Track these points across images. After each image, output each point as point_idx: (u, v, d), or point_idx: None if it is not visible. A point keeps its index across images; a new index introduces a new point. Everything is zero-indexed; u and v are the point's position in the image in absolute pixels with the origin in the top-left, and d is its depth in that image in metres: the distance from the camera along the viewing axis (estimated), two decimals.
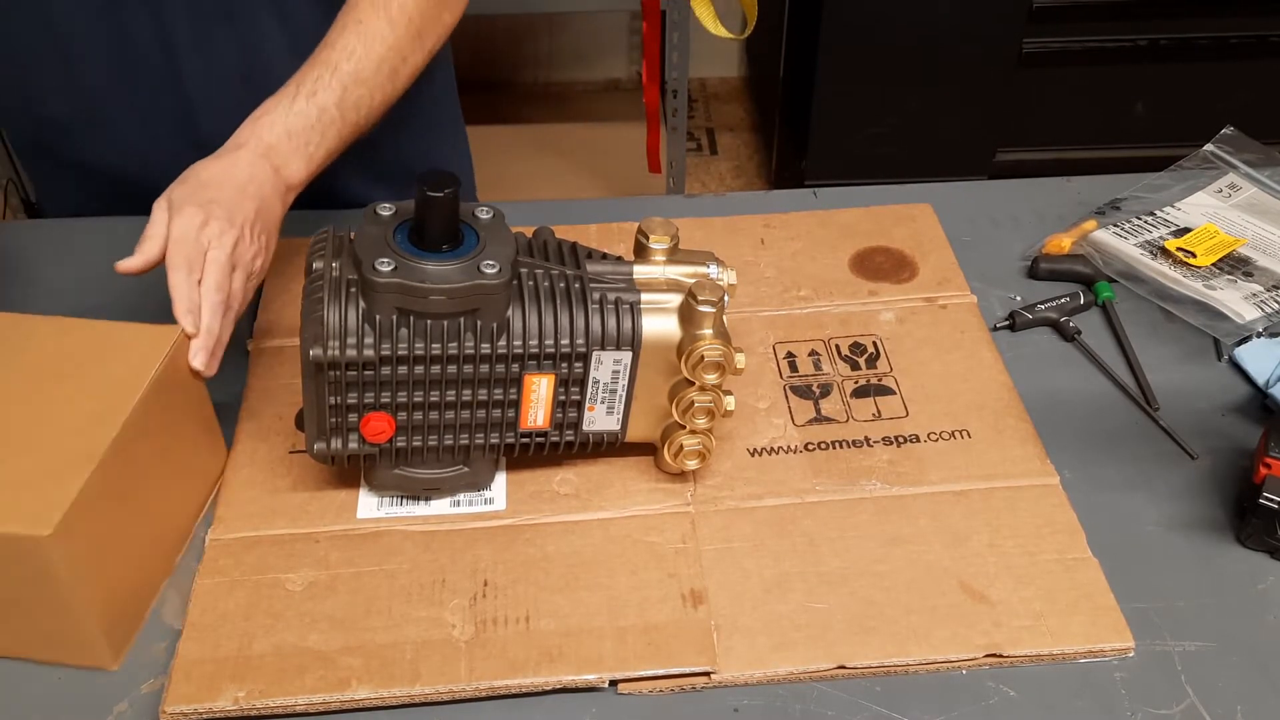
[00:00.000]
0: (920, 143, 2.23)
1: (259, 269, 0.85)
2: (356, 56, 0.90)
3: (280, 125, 0.87)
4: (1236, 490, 0.87)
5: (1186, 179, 1.16)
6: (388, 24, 0.92)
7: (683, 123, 2.23)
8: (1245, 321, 0.99)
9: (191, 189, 0.83)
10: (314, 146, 0.88)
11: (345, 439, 0.79)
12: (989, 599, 0.79)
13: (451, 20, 0.99)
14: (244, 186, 0.84)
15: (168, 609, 0.80)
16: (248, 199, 0.84)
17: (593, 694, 0.75)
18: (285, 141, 0.87)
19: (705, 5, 1.31)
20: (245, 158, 0.85)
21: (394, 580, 0.80)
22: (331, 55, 0.90)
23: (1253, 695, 0.74)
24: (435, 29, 0.96)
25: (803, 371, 0.96)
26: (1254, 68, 2.17)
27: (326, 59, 0.90)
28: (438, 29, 0.96)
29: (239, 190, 0.84)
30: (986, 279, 1.06)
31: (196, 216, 0.81)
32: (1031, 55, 2.13)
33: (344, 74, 0.89)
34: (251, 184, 0.85)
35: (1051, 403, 0.94)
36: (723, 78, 2.95)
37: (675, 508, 0.85)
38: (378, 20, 0.91)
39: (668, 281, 0.81)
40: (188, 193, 0.83)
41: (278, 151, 0.86)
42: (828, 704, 0.74)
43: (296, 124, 0.87)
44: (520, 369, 0.79)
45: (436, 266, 0.75)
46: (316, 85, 0.88)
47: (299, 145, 0.87)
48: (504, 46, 2.78)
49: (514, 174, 2.39)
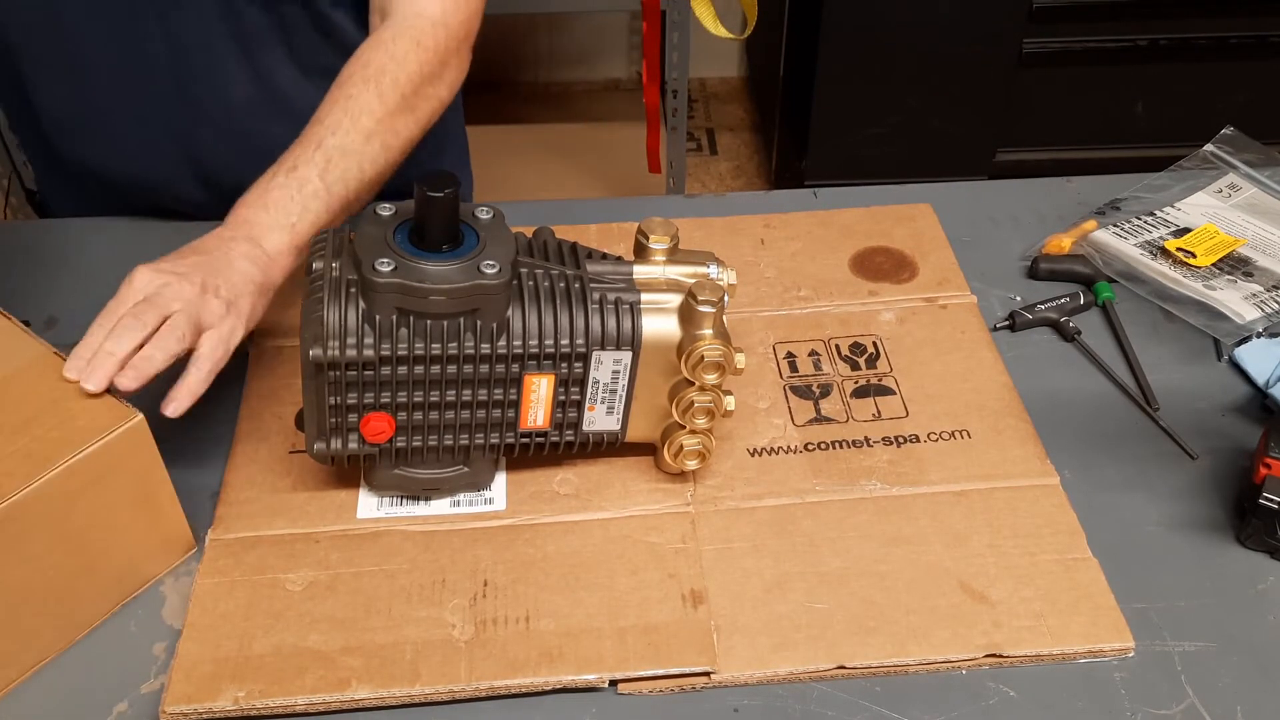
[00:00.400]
0: (920, 143, 2.23)
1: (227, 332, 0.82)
2: (343, 129, 0.89)
3: (257, 200, 0.86)
4: (1236, 490, 0.87)
5: (1186, 179, 1.16)
6: (377, 98, 0.91)
7: (683, 123, 2.22)
8: (1245, 321, 0.99)
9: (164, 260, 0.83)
10: (295, 218, 0.86)
11: (345, 439, 0.79)
12: (989, 599, 0.79)
13: (447, 95, 0.98)
14: (212, 251, 0.83)
15: (168, 609, 0.80)
16: (219, 263, 0.82)
17: (593, 694, 0.75)
18: (263, 214, 0.86)
19: (705, 5, 1.31)
20: (224, 232, 0.85)
21: (394, 580, 0.80)
22: (318, 131, 0.89)
23: (1253, 695, 0.74)
24: (428, 103, 0.95)
25: (803, 371, 0.96)
26: (1254, 68, 2.17)
27: (313, 135, 0.89)
28: (431, 103, 0.96)
29: (208, 254, 0.83)
30: (986, 279, 1.06)
31: (158, 278, 0.80)
32: (1031, 55, 2.12)
33: (328, 148, 0.88)
34: (221, 250, 0.83)
35: (1051, 403, 0.93)
36: (723, 78, 2.95)
37: (675, 508, 0.85)
38: (367, 94, 0.91)
39: (668, 281, 0.81)
40: (157, 262, 0.82)
41: (255, 224, 0.85)
42: (828, 704, 0.74)
43: (275, 197, 0.86)
44: (520, 369, 0.79)
45: (436, 266, 0.75)
46: (298, 160, 0.87)
47: (278, 217, 0.86)
48: (504, 46, 2.78)
49: (514, 174, 2.39)
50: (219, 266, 0.82)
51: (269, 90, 1.04)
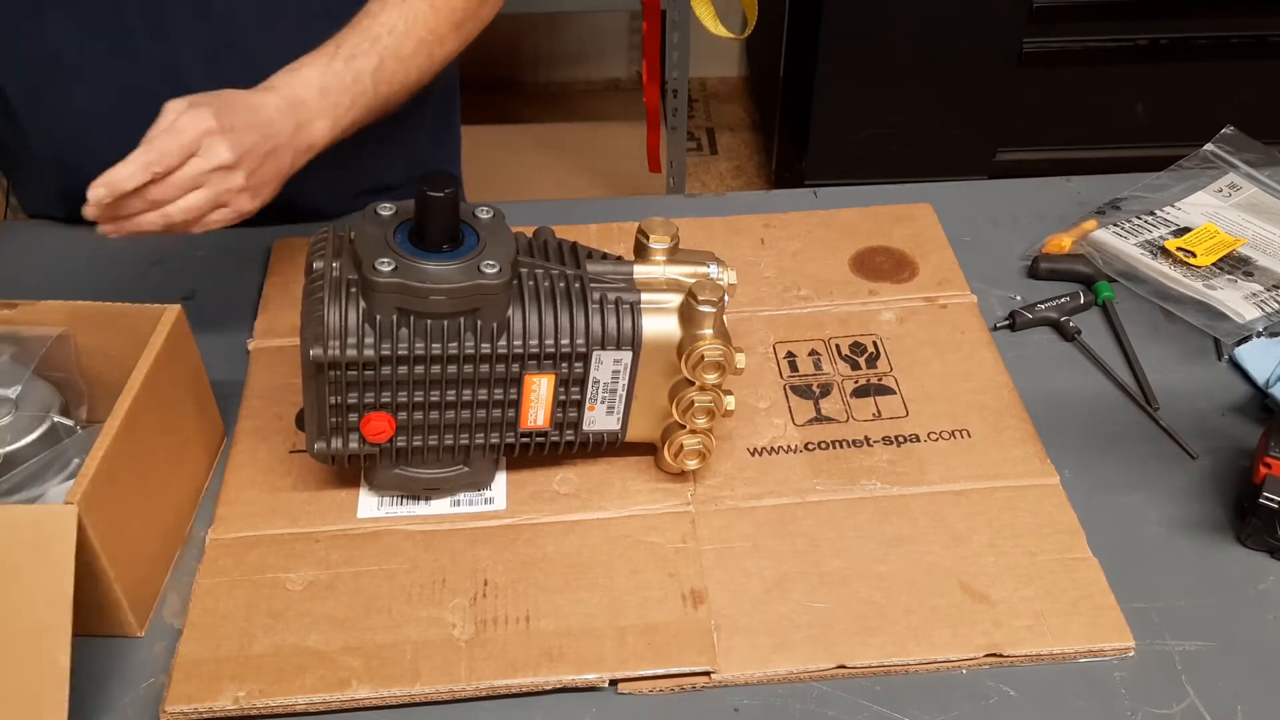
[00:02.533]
0: (920, 143, 2.23)
1: (238, 206, 0.82)
2: (398, 33, 0.90)
3: (315, 82, 0.86)
4: (1237, 490, 0.87)
5: (1186, 179, 1.16)
6: (430, 7, 0.92)
7: (683, 123, 2.22)
8: (1245, 321, 0.99)
9: (217, 101, 0.82)
10: (343, 110, 0.87)
11: (345, 439, 0.79)
12: (989, 599, 0.79)
13: (489, 14, 0.99)
14: (264, 127, 0.82)
15: (168, 609, 0.80)
16: (263, 141, 0.82)
17: (593, 694, 0.75)
18: (317, 99, 0.86)
19: (705, 5, 1.31)
20: (273, 103, 0.84)
21: (394, 580, 0.80)
22: (373, 26, 0.89)
23: (1253, 695, 0.74)
24: (474, 21, 0.97)
25: (803, 371, 0.96)
26: (1254, 68, 2.17)
27: (368, 28, 0.89)
28: (476, 21, 0.97)
29: (258, 128, 0.82)
30: (986, 279, 1.06)
31: (208, 120, 0.79)
32: (1031, 55, 2.13)
33: (383, 47, 0.89)
34: (271, 127, 0.83)
35: (1051, 403, 0.93)
36: (723, 78, 2.95)
37: (675, 507, 0.85)
38: (421, 2, 0.92)
39: (668, 281, 0.81)
40: (210, 99, 0.81)
41: (307, 107, 0.85)
42: (828, 704, 0.74)
43: (331, 83, 0.86)
44: (520, 369, 0.79)
45: (437, 266, 0.75)
46: (355, 50, 0.88)
47: (329, 105, 0.86)
48: (504, 46, 2.77)
49: (514, 174, 2.39)
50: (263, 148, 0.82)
51: None
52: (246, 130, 0.81)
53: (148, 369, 0.78)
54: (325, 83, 0.86)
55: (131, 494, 0.76)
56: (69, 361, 0.85)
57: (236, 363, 0.96)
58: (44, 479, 0.80)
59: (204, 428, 0.88)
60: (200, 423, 0.88)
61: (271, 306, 1.02)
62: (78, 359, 0.86)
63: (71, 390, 0.86)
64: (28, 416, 0.82)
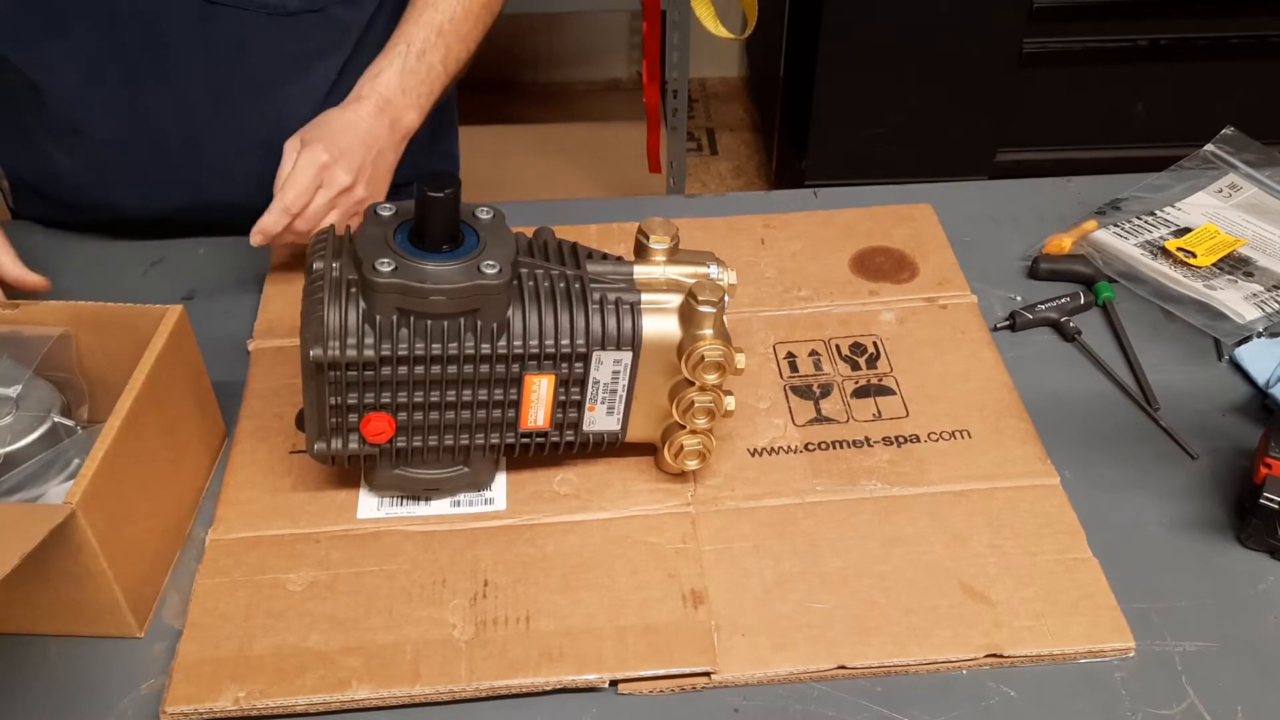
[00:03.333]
0: (920, 143, 2.23)
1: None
2: (457, 18, 1.01)
3: (396, 82, 0.98)
4: (1237, 490, 0.87)
5: (1187, 179, 1.16)
6: None
7: (683, 123, 2.22)
8: (1245, 321, 0.99)
9: (323, 133, 0.94)
10: (424, 98, 0.99)
11: (345, 439, 0.79)
12: (989, 599, 0.79)
13: None
14: (364, 139, 0.95)
15: (168, 609, 0.80)
16: (368, 151, 0.95)
17: (593, 694, 0.75)
18: (400, 97, 0.98)
19: (705, 5, 1.31)
20: (366, 112, 0.96)
21: (394, 580, 0.80)
22: (435, 17, 1.00)
23: (1253, 695, 0.74)
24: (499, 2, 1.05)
25: (803, 372, 0.96)
26: (1254, 68, 2.17)
27: (430, 20, 1.00)
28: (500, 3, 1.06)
29: (361, 142, 0.95)
30: (987, 279, 1.06)
31: (322, 155, 0.92)
32: (1031, 55, 2.13)
33: (447, 34, 1.00)
34: (371, 136, 0.95)
35: (1052, 403, 0.93)
36: (723, 78, 2.95)
37: (675, 508, 0.85)
38: None
39: (668, 282, 0.81)
40: (319, 135, 0.94)
41: (394, 105, 0.97)
42: (828, 704, 0.74)
43: (410, 81, 0.98)
44: (520, 369, 0.79)
45: (437, 267, 0.75)
46: (425, 46, 0.99)
47: (413, 100, 0.98)
48: (504, 46, 2.77)
49: (514, 174, 2.39)
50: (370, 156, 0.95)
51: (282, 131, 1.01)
52: (353, 150, 0.94)
53: (149, 369, 0.78)
54: (404, 82, 0.98)
55: (132, 494, 0.76)
56: (70, 362, 0.85)
57: (237, 363, 0.96)
58: (44, 479, 0.80)
59: (204, 428, 0.88)
60: (201, 423, 0.88)
61: (271, 306, 1.02)
62: (79, 359, 0.86)
63: (72, 390, 0.86)
64: (28, 416, 0.82)
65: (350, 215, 0.96)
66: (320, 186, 0.93)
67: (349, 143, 0.94)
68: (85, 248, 1.10)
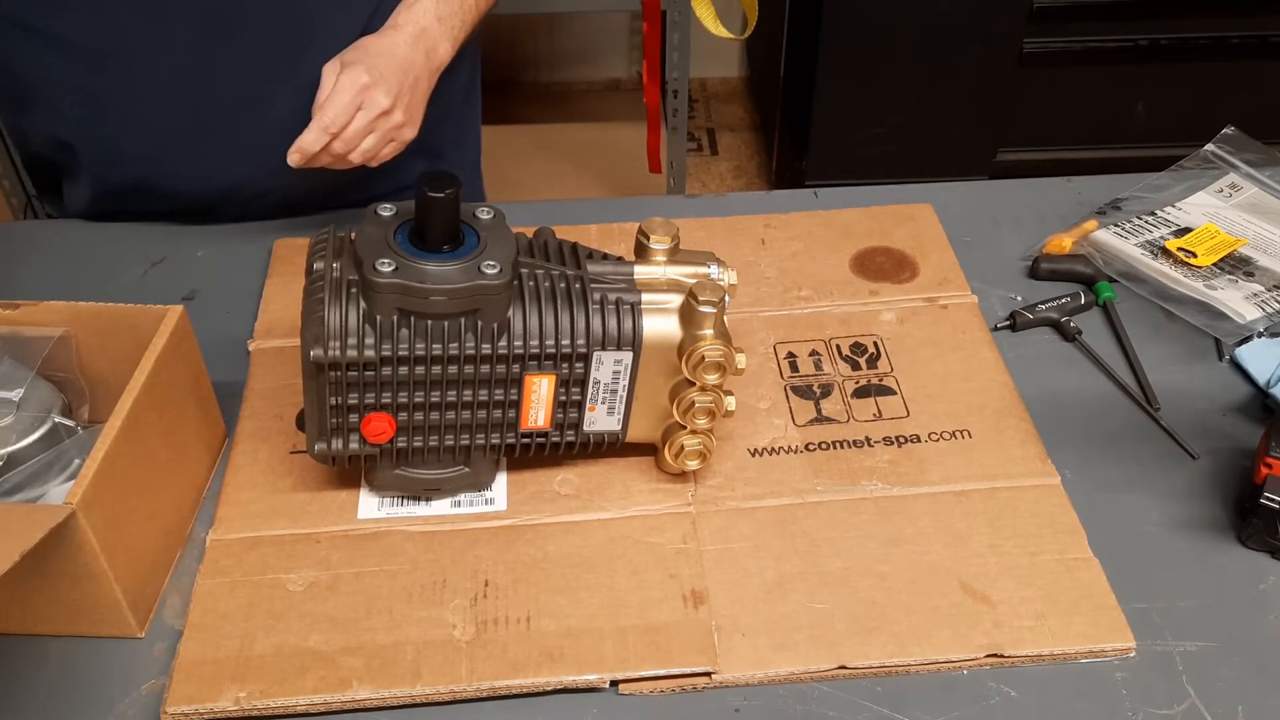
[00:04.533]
0: (920, 143, 2.23)
1: (401, 139, 0.98)
2: None
3: (432, 10, 1.00)
4: (1237, 490, 0.87)
5: (1187, 179, 1.16)
6: None
7: (683, 123, 2.22)
8: (1246, 321, 0.99)
9: (362, 55, 0.95)
10: (457, 29, 1.01)
11: (346, 439, 0.79)
12: (990, 599, 0.79)
13: None
14: (403, 64, 0.97)
15: (169, 609, 0.80)
16: (405, 77, 0.96)
17: (593, 694, 0.75)
18: (436, 26, 1.00)
19: (706, 5, 1.31)
20: (404, 39, 0.98)
21: (395, 580, 0.80)
22: None
23: (1254, 695, 0.74)
24: None
25: (803, 372, 0.96)
26: (1254, 68, 2.17)
27: None
28: None
29: (399, 68, 0.96)
30: (987, 279, 1.06)
31: (362, 76, 0.93)
32: (1031, 55, 2.13)
33: None
34: (408, 63, 0.97)
35: (1052, 403, 0.93)
36: (723, 78, 2.95)
37: (676, 508, 0.85)
38: None
39: (668, 282, 0.81)
40: (359, 58, 0.95)
41: (429, 35, 0.99)
42: (828, 704, 0.74)
43: (444, 10, 1.01)
44: (521, 369, 0.79)
45: (437, 267, 0.75)
46: None
47: (447, 29, 1.01)
48: (504, 46, 2.78)
49: (514, 174, 2.39)
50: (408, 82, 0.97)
51: None
52: (392, 74, 0.95)
53: (149, 369, 0.78)
54: (439, 11, 1.00)
55: (132, 495, 0.76)
56: (70, 362, 0.86)
57: (237, 363, 0.96)
58: (45, 479, 0.80)
59: (205, 428, 0.88)
60: (201, 423, 0.88)
61: (271, 306, 1.02)
62: (79, 359, 0.86)
63: (73, 391, 0.86)
64: (29, 417, 0.82)
65: (386, 140, 0.96)
66: (360, 108, 0.94)
67: (388, 67, 0.95)
68: (86, 248, 1.10)
